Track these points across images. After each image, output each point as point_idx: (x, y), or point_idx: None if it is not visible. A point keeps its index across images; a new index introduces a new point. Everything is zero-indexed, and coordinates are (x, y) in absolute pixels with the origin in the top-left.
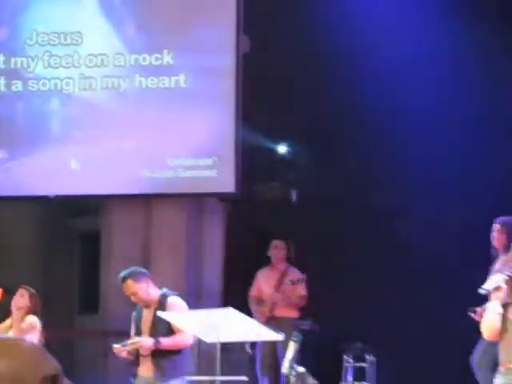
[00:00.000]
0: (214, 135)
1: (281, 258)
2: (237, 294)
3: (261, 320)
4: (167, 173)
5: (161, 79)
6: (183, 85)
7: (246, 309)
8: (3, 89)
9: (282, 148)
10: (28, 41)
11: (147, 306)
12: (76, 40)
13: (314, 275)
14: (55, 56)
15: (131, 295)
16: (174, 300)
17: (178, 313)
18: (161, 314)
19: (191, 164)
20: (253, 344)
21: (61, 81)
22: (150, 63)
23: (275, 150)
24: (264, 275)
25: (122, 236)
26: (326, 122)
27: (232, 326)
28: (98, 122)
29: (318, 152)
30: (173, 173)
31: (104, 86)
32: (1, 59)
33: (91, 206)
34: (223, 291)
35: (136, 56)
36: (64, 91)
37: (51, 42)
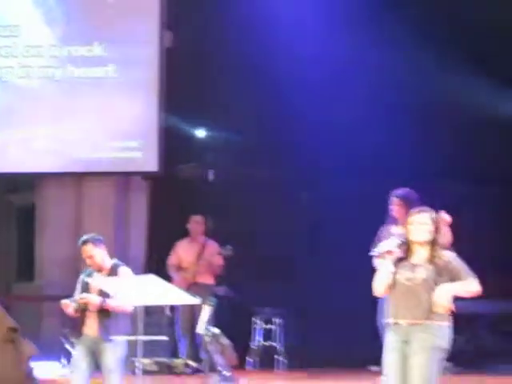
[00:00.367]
0: (140, 120)
1: (199, 232)
2: (159, 263)
3: (182, 286)
4: (97, 153)
5: (92, 69)
6: (112, 74)
7: (168, 276)
8: None
9: (200, 132)
10: None
11: (99, 271)
12: (14, 32)
13: (230, 244)
14: None
15: (88, 258)
16: (126, 270)
17: (107, 278)
18: (93, 280)
19: (119, 146)
20: (173, 307)
21: (0, 69)
22: (82, 55)
23: (194, 134)
24: (184, 246)
25: (56, 210)
26: (238, 109)
27: (153, 291)
28: (35, 108)
29: (231, 135)
30: (102, 153)
31: (41, 75)
32: None
33: (27, 183)
34: (146, 260)
35: (69, 48)
36: (3, 79)
37: None
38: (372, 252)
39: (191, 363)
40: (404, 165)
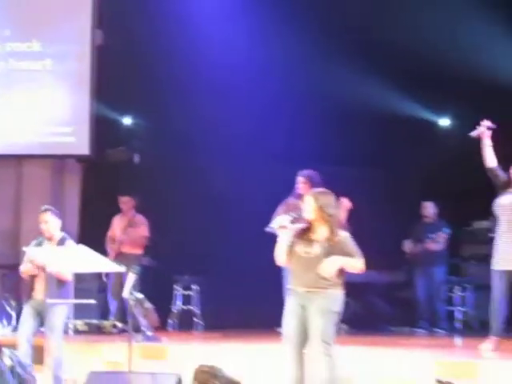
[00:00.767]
0: (73, 108)
1: (128, 209)
2: (91, 236)
3: (111, 255)
4: (35, 138)
5: (31, 63)
6: (49, 68)
7: (100, 249)
8: None
9: (127, 120)
10: None
11: (49, 239)
12: None
13: (154, 222)
14: None
15: (43, 223)
16: (71, 243)
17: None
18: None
19: (54, 131)
20: (107, 275)
21: None
22: (23, 50)
23: (121, 121)
24: (116, 221)
25: None
26: (161, 100)
27: (84, 260)
28: None
29: (155, 123)
30: (40, 138)
31: None
32: None
33: None
34: (80, 234)
35: (11, 44)
36: None
37: None
38: (267, 227)
39: (118, 324)
40: (306, 152)
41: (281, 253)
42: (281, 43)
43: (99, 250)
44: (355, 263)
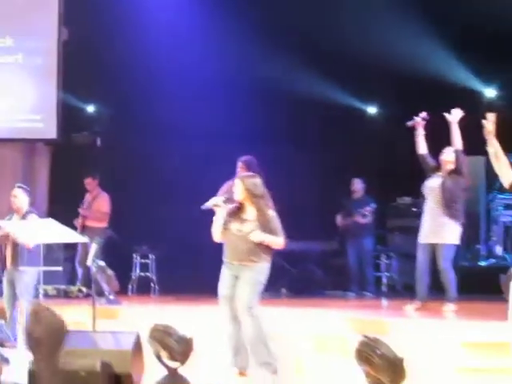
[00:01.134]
0: (42, 97)
1: (92, 188)
2: (60, 212)
3: (78, 228)
4: (8, 124)
5: (4, 57)
6: (21, 61)
7: (68, 222)
8: None
9: (90, 107)
10: None
11: (17, 212)
12: None
13: (114, 198)
14: None
15: (13, 197)
16: (34, 217)
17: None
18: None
19: (25, 118)
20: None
21: None
22: None
23: (85, 109)
24: (86, 198)
25: None
26: (119, 89)
27: (51, 232)
28: None
29: (115, 110)
30: (12, 124)
31: None
32: None
33: None
34: (49, 209)
35: None
36: None
37: None
38: (203, 206)
39: (84, 289)
40: (247, 133)
41: (216, 230)
42: (219, 37)
43: (67, 224)
44: (277, 240)
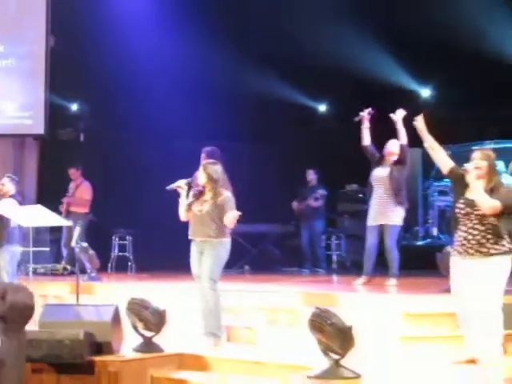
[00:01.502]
0: (32, 97)
1: (76, 178)
2: (47, 199)
3: (63, 213)
4: (1, 119)
5: None
6: (12, 65)
7: (54, 208)
8: None
9: (74, 106)
10: None
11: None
12: None
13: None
14: None
15: (1, 185)
16: (11, 200)
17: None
18: None
19: (16, 115)
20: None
21: None
22: None
23: (70, 107)
24: (70, 186)
25: None
26: (101, 89)
27: (39, 216)
28: None
29: (97, 108)
30: (3, 121)
31: None
32: None
33: None
34: (38, 196)
35: None
36: None
37: None
38: (167, 187)
39: (68, 267)
40: (213, 129)
41: (181, 211)
42: (188, 43)
43: (53, 210)
44: (230, 217)
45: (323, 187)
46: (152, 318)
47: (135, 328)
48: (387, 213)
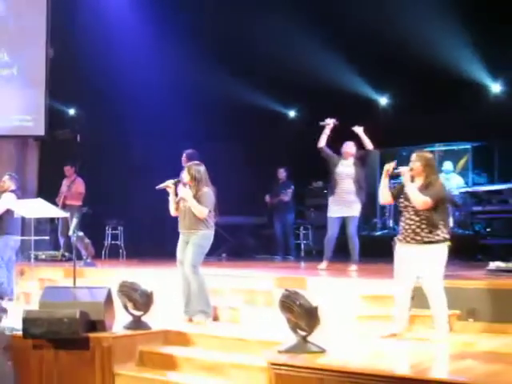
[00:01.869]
0: (33, 102)
1: (70, 174)
2: (46, 193)
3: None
4: (5, 123)
5: (3, 70)
6: (16, 73)
7: (53, 201)
8: None
9: (71, 110)
10: None
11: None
12: None
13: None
14: None
15: (2, 182)
16: (9, 195)
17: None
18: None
19: (18, 118)
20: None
21: None
22: None
23: (67, 111)
24: (64, 182)
25: None
26: (96, 95)
27: (38, 208)
28: None
29: (92, 112)
30: (8, 123)
31: None
32: None
33: None
34: (38, 191)
35: None
36: None
37: None
38: (157, 187)
39: (66, 254)
40: (187, 131)
41: (171, 207)
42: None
43: (52, 203)
44: (199, 208)
45: (292, 184)
46: (140, 299)
47: (125, 308)
48: (350, 206)
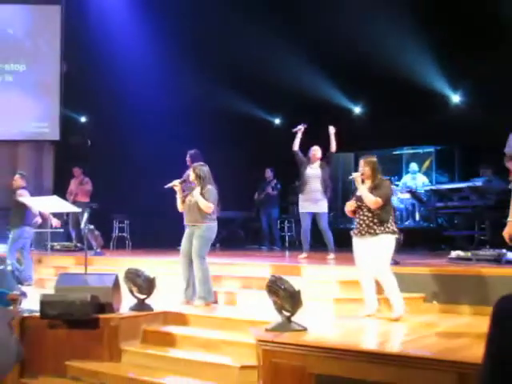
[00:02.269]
0: (49, 111)
1: (79, 175)
2: (61, 191)
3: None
4: (24, 129)
5: (21, 80)
6: (33, 83)
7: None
8: None
9: (83, 118)
10: None
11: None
12: None
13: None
14: None
15: (14, 180)
16: (22, 191)
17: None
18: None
19: (36, 125)
20: (68, 214)
21: None
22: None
23: (78, 118)
24: (73, 181)
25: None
26: (105, 105)
27: (54, 204)
28: None
29: (101, 120)
30: (27, 129)
31: None
32: None
33: None
34: (54, 189)
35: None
36: None
37: None
38: (165, 186)
39: (78, 245)
40: (186, 136)
41: (178, 204)
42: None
43: (65, 199)
44: (204, 204)
45: (278, 181)
46: (144, 284)
47: (131, 292)
48: (318, 203)
